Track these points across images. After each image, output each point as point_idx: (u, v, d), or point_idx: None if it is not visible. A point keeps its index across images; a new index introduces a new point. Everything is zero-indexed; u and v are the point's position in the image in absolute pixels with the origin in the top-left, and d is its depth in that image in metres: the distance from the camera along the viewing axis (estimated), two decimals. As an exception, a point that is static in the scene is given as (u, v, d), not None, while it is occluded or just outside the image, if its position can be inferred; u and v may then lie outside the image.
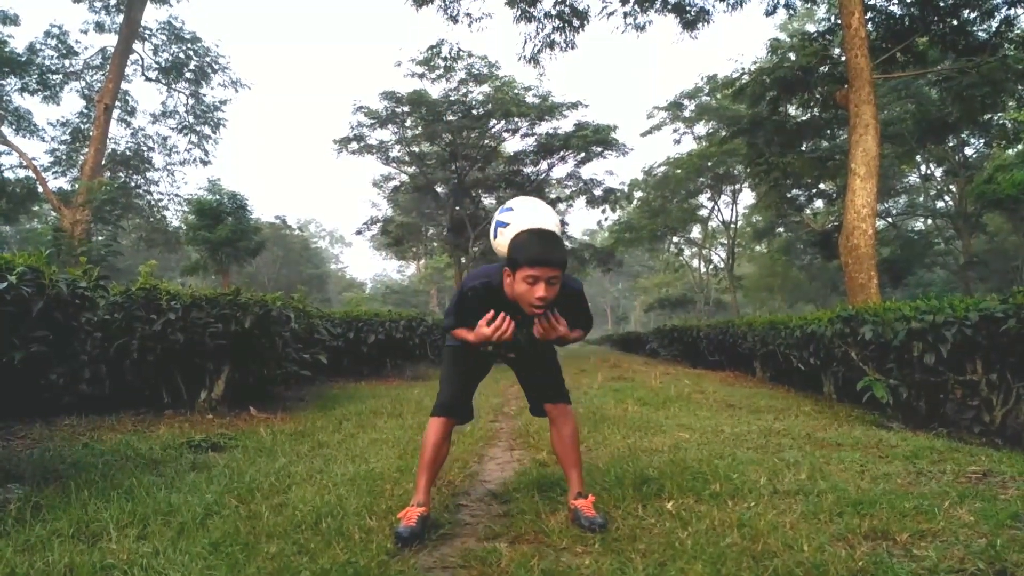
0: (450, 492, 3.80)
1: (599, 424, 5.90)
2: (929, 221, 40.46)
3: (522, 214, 2.99)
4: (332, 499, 3.38)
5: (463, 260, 32.55)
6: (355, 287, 71.28)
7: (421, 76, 27.60)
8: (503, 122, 28.70)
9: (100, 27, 29.33)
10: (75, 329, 3.72)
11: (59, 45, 29.49)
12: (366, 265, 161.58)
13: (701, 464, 4.05)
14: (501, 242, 3.00)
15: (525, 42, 20.82)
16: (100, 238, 31.27)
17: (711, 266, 54.80)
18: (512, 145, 32.41)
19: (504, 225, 3.00)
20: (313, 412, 7.18)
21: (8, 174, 29.74)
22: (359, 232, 34.89)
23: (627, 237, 41.12)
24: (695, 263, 57.94)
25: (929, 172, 37.01)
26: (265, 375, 7.36)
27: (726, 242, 47.55)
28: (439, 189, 32.88)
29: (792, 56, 20.06)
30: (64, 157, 31.42)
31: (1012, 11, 15.98)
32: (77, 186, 25.15)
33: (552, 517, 3.08)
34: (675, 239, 51.25)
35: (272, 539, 2.81)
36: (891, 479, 3.79)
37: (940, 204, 39.19)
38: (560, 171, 33.23)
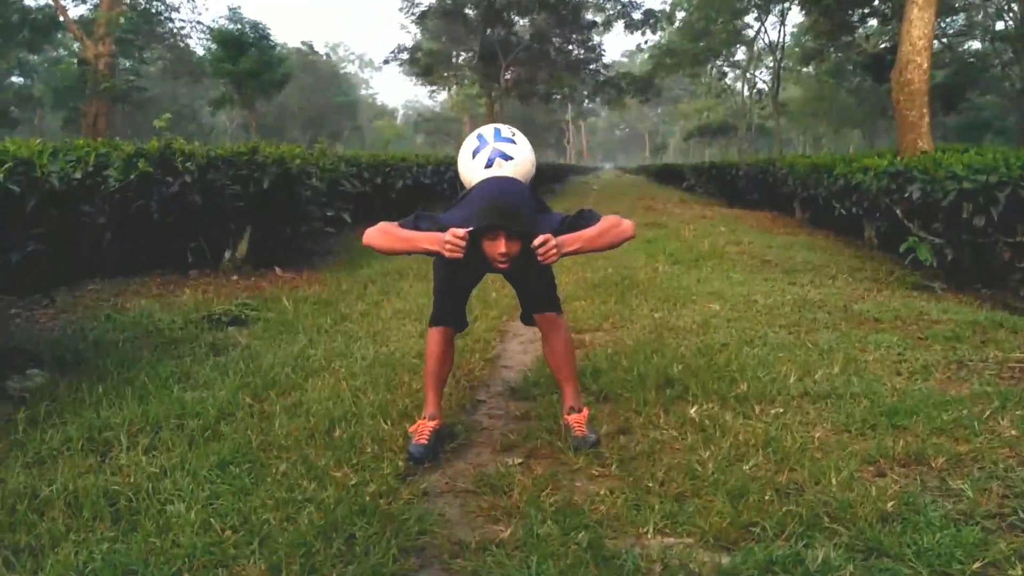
0: (468, 383, 3.72)
1: (627, 293, 5.74)
2: (987, 42, 37.93)
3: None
4: (348, 399, 3.31)
5: (494, 91, 31.47)
6: (386, 114, 70.07)
7: None
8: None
9: None
10: (73, 225, 3.56)
11: None
12: (397, 91, 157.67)
13: (729, 354, 3.90)
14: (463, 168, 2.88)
15: None
16: (128, 63, 30.60)
17: (754, 90, 52.70)
18: (547, -36, 30.44)
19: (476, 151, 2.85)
20: (339, 271, 7.11)
21: (29, 1, 28.90)
22: (386, 61, 33.68)
23: (667, 63, 39.30)
24: (738, 87, 55.64)
25: (992, -14, 34.31)
26: (289, 234, 7.25)
27: (772, 65, 45.32)
28: (468, 12, 31.27)
29: None
30: (83, -16, 30.26)
31: None
32: (97, 15, 24.30)
33: (570, 426, 2.98)
34: (718, 62, 48.95)
35: (283, 453, 2.76)
36: (929, 373, 3.61)
37: (1000, 25, 36.53)
38: (598, -9, 31.35)
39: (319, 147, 8.20)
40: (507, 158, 2.77)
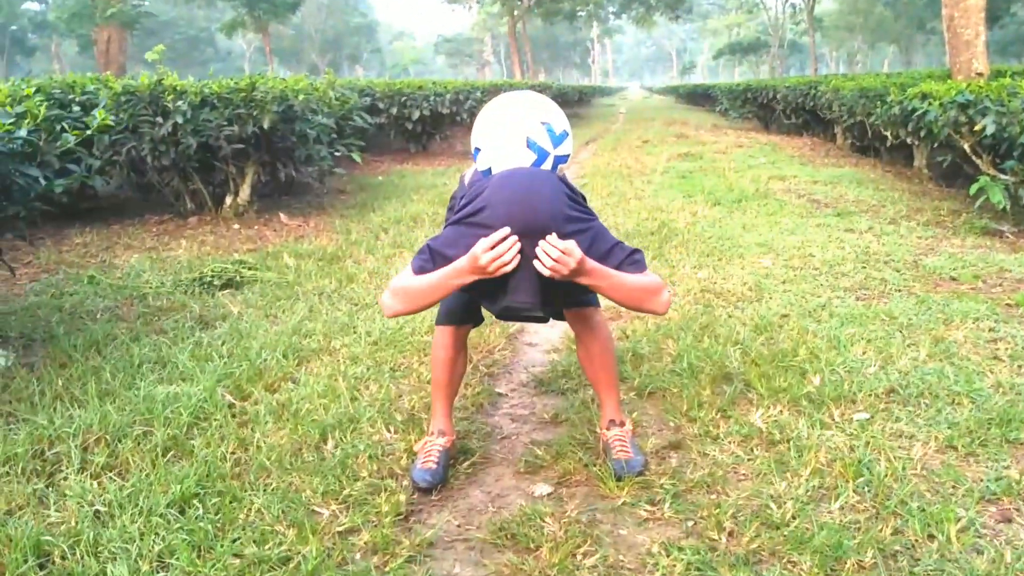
0: (487, 369, 3.20)
1: (665, 244, 5.15)
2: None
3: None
4: (345, 396, 2.81)
5: (516, 9, 30.11)
6: (405, 36, 68.24)
7: None
8: None
9: None
10: (23, 187, 3.04)
11: None
12: (419, 7, 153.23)
13: (792, 332, 3.34)
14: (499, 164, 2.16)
15: None
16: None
17: (787, 3, 50.56)
18: None
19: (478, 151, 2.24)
20: (350, 216, 6.56)
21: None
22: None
23: (698, -25, 37.42)
24: (770, 1, 53.33)
25: None
26: (294, 177, 6.69)
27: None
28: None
29: None
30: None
31: None
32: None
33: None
34: (750, -26, 46.79)
35: (261, 477, 2.27)
36: (1034, 358, 3.04)
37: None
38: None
39: (327, 78, 7.54)
40: (565, 160, 2.23)
